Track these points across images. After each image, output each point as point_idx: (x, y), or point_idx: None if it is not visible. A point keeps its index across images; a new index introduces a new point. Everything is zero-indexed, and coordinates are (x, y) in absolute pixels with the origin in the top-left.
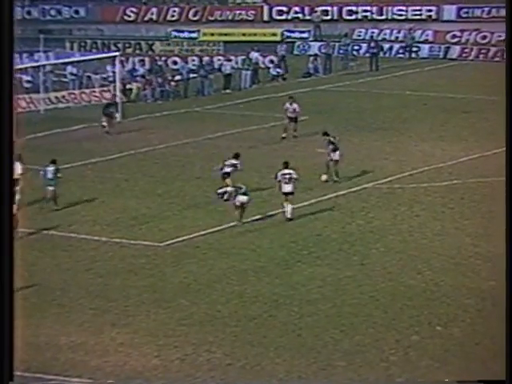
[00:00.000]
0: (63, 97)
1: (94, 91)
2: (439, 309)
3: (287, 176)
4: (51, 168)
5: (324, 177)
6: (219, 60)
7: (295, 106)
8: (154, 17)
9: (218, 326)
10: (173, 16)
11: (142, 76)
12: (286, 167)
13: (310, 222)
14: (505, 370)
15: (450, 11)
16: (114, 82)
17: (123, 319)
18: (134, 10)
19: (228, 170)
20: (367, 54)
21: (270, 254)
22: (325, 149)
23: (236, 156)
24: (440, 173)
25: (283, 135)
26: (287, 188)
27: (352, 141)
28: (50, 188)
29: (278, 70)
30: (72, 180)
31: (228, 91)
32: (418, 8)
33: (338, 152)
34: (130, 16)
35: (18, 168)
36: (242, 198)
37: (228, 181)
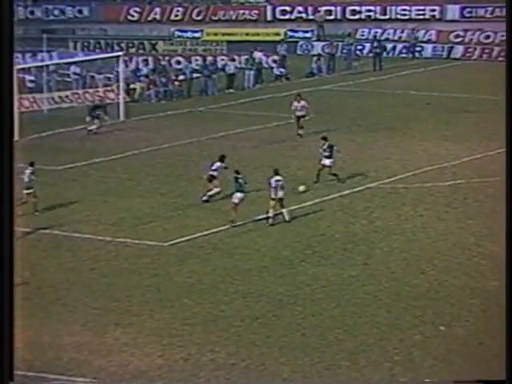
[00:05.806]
0: (67, 96)
1: (98, 91)
2: (443, 308)
3: (280, 183)
4: (28, 171)
5: (302, 187)
6: (223, 60)
7: (303, 102)
8: (158, 16)
9: (221, 326)
10: (176, 16)
11: (146, 76)
12: (277, 174)
13: (314, 221)
14: (505, 370)
15: (453, 11)
16: (118, 81)
17: (127, 319)
18: (137, 9)
19: (214, 173)
20: (370, 54)
21: (274, 254)
22: (320, 154)
23: (221, 159)
24: (443, 173)
25: (299, 132)
26: (281, 194)
27: (355, 140)
28: (27, 191)
29: (282, 69)
30: (75, 180)
31: (231, 91)
32: (421, 8)
33: (331, 159)
34: (133, 16)
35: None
36: (239, 196)
37: (215, 182)
